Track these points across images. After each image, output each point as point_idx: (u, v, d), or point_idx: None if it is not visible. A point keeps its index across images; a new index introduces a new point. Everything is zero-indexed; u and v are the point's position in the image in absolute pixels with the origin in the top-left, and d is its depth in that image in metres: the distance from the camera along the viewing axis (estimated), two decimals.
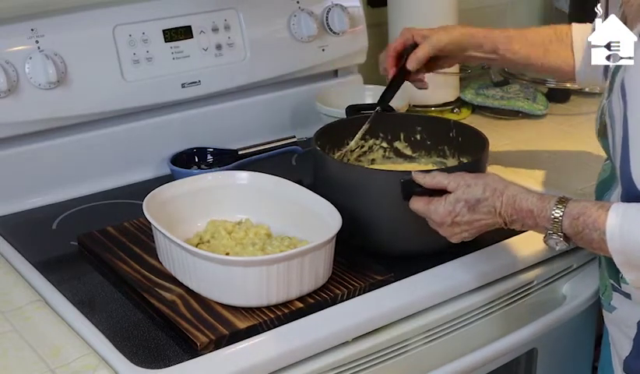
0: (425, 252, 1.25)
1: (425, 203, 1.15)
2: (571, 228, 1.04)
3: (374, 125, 1.41)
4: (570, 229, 1.04)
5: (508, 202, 1.09)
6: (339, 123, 1.43)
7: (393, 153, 1.44)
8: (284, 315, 1.11)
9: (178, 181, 1.32)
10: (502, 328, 1.30)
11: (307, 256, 1.12)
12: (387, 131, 1.43)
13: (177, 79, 1.58)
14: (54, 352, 1.05)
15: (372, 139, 1.43)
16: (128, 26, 1.53)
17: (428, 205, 1.14)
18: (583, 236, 1.03)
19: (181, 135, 1.61)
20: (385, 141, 1.43)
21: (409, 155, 1.44)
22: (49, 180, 1.49)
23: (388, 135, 1.43)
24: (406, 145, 1.43)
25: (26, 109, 1.43)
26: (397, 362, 1.19)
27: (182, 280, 1.17)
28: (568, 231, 1.04)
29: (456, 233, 1.14)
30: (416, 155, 1.43)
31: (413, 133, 1.43)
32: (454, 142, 1.39)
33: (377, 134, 1.42)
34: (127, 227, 1.34)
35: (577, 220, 1.03)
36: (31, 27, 1.44)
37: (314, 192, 1.25)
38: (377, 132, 1.42)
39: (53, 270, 1.24)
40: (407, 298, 1.19)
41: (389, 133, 1.43)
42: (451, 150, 1.40)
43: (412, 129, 1.43)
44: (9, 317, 1.13)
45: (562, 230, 1.05)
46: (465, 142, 1.37)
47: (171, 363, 1.04)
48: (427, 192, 1.15)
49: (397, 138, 1.43)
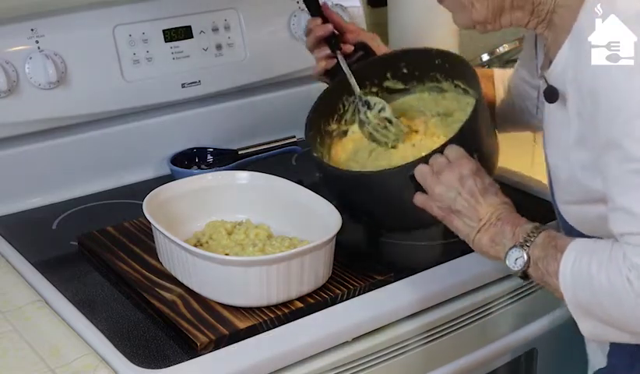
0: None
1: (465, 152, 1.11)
2: (541, 244, 1.02)
3: (358, 79, 1.36)
4: (540, 245, 1.02)
5: (507, 210, 1.08)
6: (324, 97, 1.38)
7: (386, 92, 1.40)
8: (284, 315, 1.11)
9: (178, 181, 1.32)
10: (502, 328, 1.30)
11: (307, 256, 1.12)
12: (372, 77, 1.38)
13: (177, 79, 1.58)
14: (54, 352, 1.05)
15: (361, 90, 1.36)
16: (128, 26, 1.53)
17: (467, 155, 1.11)
18: (547, 255, 1.00)
19: (181, 135, 1.61)
20: (374, 86, 1.39)
21: (402, 88, 1.40)
22: (49, 180, 1.49)
23: (374, 80, 1.39)
24: (395, 81, 1.40)
25: (26, 109, 1.43)
26: (397, 362, 1.19)
27: (182, 280, 1.17)
28: (538, 245, 1.02)
29: (449, 195, 1.09)
30: (409, 86, 1.40)
31: (399, 70, 1.39)
32: (442, 68, 1.35)
33: (364, 84, 1.37)
34: (127, 227, 1.34)
35: (552, 240, 1.01)
36: (31, 27, 1.44)
37: (316, 192, 1.25)
38: (363, 82, 1.37)
39: (53, 270, 1.24)
40: (407, 298, 1.19)
41: (375, 78, 1.38)
42: (442, 75, 1.36)
43: (396, 67, 1.38)
44: (9, 317, 1.13)
45: (533, 245, 1.02)
46: (452, 67, 1.33)
47: (171, 363, 1.04)
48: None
49: (385, 78, 1.39)
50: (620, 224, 0.93)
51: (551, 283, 1.01)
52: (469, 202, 1.08)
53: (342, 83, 1.36)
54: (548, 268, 1.00)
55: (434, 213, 1.12)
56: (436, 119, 1.35)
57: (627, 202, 0.91)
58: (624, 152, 0.90)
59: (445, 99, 1.37)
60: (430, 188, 1.11)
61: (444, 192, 1.09)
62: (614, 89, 0.90)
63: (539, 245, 1.02)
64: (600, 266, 0.94)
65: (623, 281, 0.91)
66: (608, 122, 0.91)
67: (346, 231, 1.17)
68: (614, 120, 0.90)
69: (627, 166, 0.90)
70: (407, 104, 1.40)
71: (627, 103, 0.89)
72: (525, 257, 1.02)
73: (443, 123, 1.34)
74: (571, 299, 0.99)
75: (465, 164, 1.10)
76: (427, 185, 1.11)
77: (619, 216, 0.93)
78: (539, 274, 1.02)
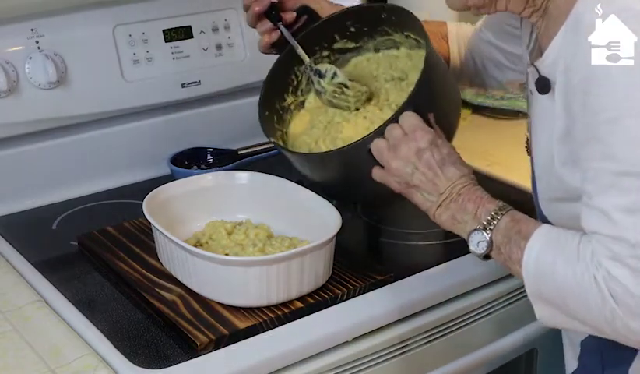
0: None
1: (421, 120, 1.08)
2: (504, 229, 1.00)
3: (307, 46, 1.32)
4: (503, 229, 1.00)
5: (467, 183, 1.04)
6: (274, 73, 1.33)
7: (338, 53, 1.36)
8: (284, 315, 1.11)
9: (178, 181, 1.32)
10: (502, 328, 1.30)
11: (307, 256, 1.12)
12: (321, 41, 1.34)
13: (177, 79, 1.58)
14: (54, 352, 1.05)
15: (310, 56, 1.33)
16: (128, 26, 1.53)
17: (423, 123, 1.08)
18: (510, 241, 0.99)
19: (181, 135, 1.61)
20: (324, 50, 1.35)
21: (354, 47, 1.36)
22: (49, 180, 1.49)
23: (324, 44, 1.35)
24: (345, 41, 1.35)
25: (26, 109, 1.43)
26: (397, 362, 1.19)
27: (182, 280, 1.17)
28: (501, 230, 1.00)
29: (406, 170, 1.06)
30: (361, 43, 1.36)
31: (346, 29, 1.34)
32: (390, 21, 1.32)
33: (313, 50, 1.33)
34: (127, 227, 1.34)
35: (516, 224, 0.99)
36: (31, 27, 1.44)
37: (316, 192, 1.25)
38: (312, 48, 1.33)
39: (53, 270, 1.24)
40: (407, 298, 1.19)
41: (324, 42, 1.34)
42: (391, 28, 1.33)
43: (343, 27, 1.34)
44: (9, 317, 1.13)
45: (494, 228, 1.00)
46: (399, 19, 1.30)
47: (171, 363, 1.04)
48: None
49: (334, 40, 1.35)
50: (593, 222, 0.91)
51: (513, 269, 1.00)
52: (427, 176, 1.05)
53: (291, 54, 1.32)
54: (511, 255, 0.99)
55: (393, 188, 1.09)
56: (389, 85, 1.31)
57: (604, 203, 0.90)
58: (607, 150, 0.89)
59: (399, 58, 1.34)
60: (387, 163, 1.08)
61: (402, 167, 1.06)
62: (608, 84, 0.89)
63: (502, 229, 1.00)
64: (567, 262, 0.93)
65: (590, 280, 0.90)
66: (595, 116, 0.90)
67: (346, 231, 1.17)
68: (602, 115, 0.89)
69: (608, 165, 0.89)
70: (360, 68, 1.37)
71: (618, 100, 0.89)
72: (488, 241, 1.01)
73: (397, 88, 1.30)
74: (531, 288, 0.98)
75: (421, 135, 1.06)
76: (384, 160, 1.09)
77: (593, 215, 0.91)
78: (501, 259, 1.01)
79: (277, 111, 1.33)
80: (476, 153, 1.66)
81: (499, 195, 1.07)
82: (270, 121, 1.31)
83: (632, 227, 0.88)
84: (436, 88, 1.19)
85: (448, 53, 1.35)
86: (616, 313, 0.89)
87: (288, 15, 1.32)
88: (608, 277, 0.89)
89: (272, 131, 1.30)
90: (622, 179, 0.88)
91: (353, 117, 1.28)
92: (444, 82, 1.23)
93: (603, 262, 0.89)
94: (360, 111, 1.28)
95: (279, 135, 1.31)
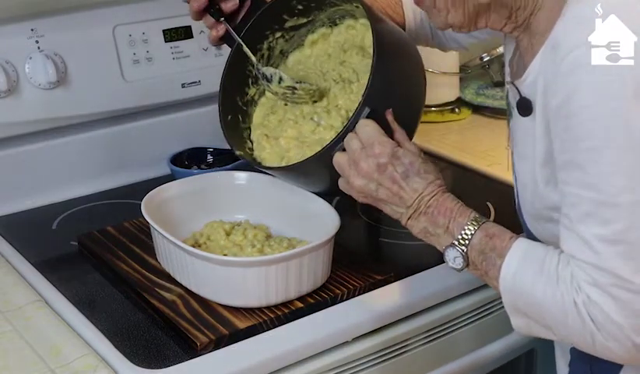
0: None
1: (377, 129, 1.05)
2: (479, 245, 0.98)
3: (257, 33, 1.27)
4: (478, 245, 0.98)
5: (435, 193, 1.02)
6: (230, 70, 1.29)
7: (292, 31, 1.30)
8: (284, 315, 1.11)
9: (178, 181, 1.32)
10: (502, 328, 1.30)
11: (306, 257, 1.12)
12: (272, 25, 1.29)
13: (177, 79, 1.58)
14: (54, 352, 1.05)
15: (264, 42, 1.29)
16: (128, 26, 1.53)
17: (379, 133, 1.04)
18: (486, 258, 0.98)
19: (181, 135, 1.61)
20: (277, 32, 1.30)
21: (305, 22, 1.30)
22: (49, 180, 1.49)
23: (274, 27, 1.29)
24: (295, 18, 1.29)
25: (26, 109, 1.43)
26: (397, 362, 1.19)
27: (181, 280, 1.17)
28: (476, 246, 0.98)
29: (370, 187, 1.04)
30: (312, 17, 1.29)
31: (294, 8, 1.28)
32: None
33: (265, 35, 1.29)
34: (127, 227, 1.34)
35: (490, 240, 0.98)
36: (31, 27, 1.44)
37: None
38: (264, 34, 1.29)
39: (53, 270, 1.24)
40: (407, 298, 1.19)
41: (274, 25, 1.29)
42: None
43: (289, 7, 1.28)
44: (9, 317, 1.13)
45: (468, 245, 0.99)
46: None
47: (171, 363, 1.04)
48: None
49: (284, 21, 1.29)
50: (573, 247, 0.90)
51: (491, 284, 0.99)
52: (392, 191, 1.03)
53: (246, 43, 1.27)
54: (488, 272, 0.98)
55: (361, 202, 1.07)
56: (338, 88, 1.26)
57: (584, 232, 0.89)
58: (588, 179, 0.88)
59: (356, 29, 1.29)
60: (350, 180, 1.06)
61: (364, 185, 1.04)
62: (589, 112, 0.87)
63: (477, 245, 0.98)
64: (546, 284, 0.92)
65: (570, 303, 0.90)
66: (576, 143, 0.88)
67: (345, 231, 1.17)
68: (583, 143, 0.87)
69: (588, 194, 0.88)
70: (304, 65, 1.32)
71: (599, 129, 0.86)
72: (464, 256, 0.99)
73: (346, 91, 1.25)
74: (509, 303, 0.97)
75: (380, 150, 1.03)
76: (346, 176, 1.06)
77: (573, 240, 0.90)
78: (478, 273, 1.00)
79: (240, 109, 1.30)
80: (476, 153, 1.66)
81: (499, 195, 1.08)
82: (235, 126, 1.28)
83: (614, 257, 0.87)
84: (391, 76, 1.13)
85: (403, 19, 1.31)
86: (596, 336, 0.89)
87: (230, 3, 1.25)
88: (588, 302, 0.89)
89: (238, 139, 1.27)
90: (602, 209, 0.87)
91: (301, 118, 1.25)
92: (400, 63, 1.17)
93: (583, 286, 0.89)
94: (308, 111, 1.25)
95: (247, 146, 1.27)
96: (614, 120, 0.86)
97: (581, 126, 0.87)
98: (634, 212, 0.86)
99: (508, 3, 0.98)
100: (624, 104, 0.85)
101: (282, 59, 1.33)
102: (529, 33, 1.00)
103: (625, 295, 0.87)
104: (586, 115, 0.87)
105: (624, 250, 0.87)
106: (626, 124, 0.85)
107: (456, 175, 1.62)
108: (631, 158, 0.85)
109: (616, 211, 0.87)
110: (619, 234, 0.87)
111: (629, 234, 0.87)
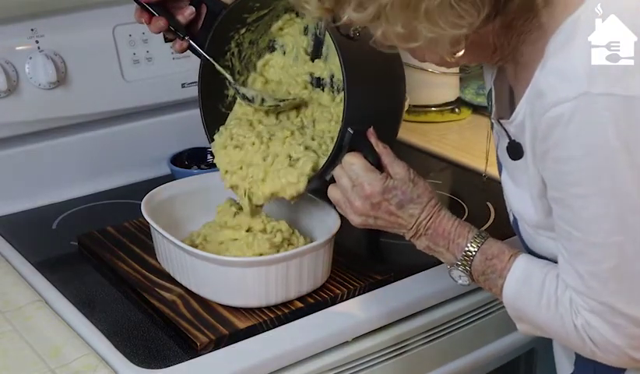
0: None
1: (364, 167, 1.05)
2: (480, 266, 1.01)
3: (221, 38, 1.25)
4: (479, 266, 1.02)
5: (432, 215, 1.04)
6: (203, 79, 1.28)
7: (256, 23, 1.28)
8: (284, 315, 1.11)
9: (177, 181, 1.32)
10: (502, 328, 1.30)
11: (306, 257, 1.12)
12: (235, 25, 1.26)
13: (177, 79, 1.58)
14: (54, 352, 1.05)
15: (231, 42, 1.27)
16: (128, 26, 1.53)
17: (366, 171, 1.05)
18: (488, 278, 1.01)
19: (181, 135, 1.61)
20: (241, 29, 1.27)
21: (267, 12, 1.27)
22: (49, 180, 1.49)
23: (237, 26, 1.27)
24: (256, 13, 1.26)
25: (26, 109, 1.43)
26: (397, 362, 1.19)
27: (181, 280, 1.17)
28: (477, 268, 1.02)
29: (368, 222, 1.06)
30: (272, 6, 1.26)
31: (252, 6, 1.25)
32: None
33: (231, 36, 1.27)
34: (127, 227, 1.34)
35: (489, 262, 1.01)
36: (31, 27, 1.44)
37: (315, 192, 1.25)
38: (229, 35, 1.26)
39: (53, 270, 1.24)
40: (407, 298, 1.19)
41: (237, 24, 1.27)
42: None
43: (246, 7, 1.25)
44: (9, 317, 1.13)
45: (470, 265, 1.02)
46: None
47: (171, 363, 1.04)
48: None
49: (245, 19, 1.27)
50: (569, 278, 0.92)
51: (496, 296, 1.03)
52: (390, 220, 1.05)
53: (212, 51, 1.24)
54: (491, 289, 1.02)
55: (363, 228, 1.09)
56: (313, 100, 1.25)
57: (578, 267, 0.91)
58: (577, 221, 0.89)
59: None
60: (348, 217, 1.08)
61: (363, 221, 1.06)
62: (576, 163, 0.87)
63: (478, 266, 1.02)
64: (547, 307, 0.95)
65: (570, 324, 0.93)
66: (567, 188, 0.89)
67: (345, 231, 1.17)
68: (573, 189, 0.88)
69: (578, 234, 0.89)
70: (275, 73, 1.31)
71: (587, 178, 0.87)
72: (468, 275, 1.03)
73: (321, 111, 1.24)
74: (513, 316, 1.01)
75: (370, 189, 1.04)
76: (343, 212, 1.08)
77: (569, 272, 0.92)
78: (485, 289, 1.04)
79: (224, 115, 1.30)
80: (476, 153, 1.66)
81: (499, 195, 1.07)
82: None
83: (607, 292, 0.89)
84: (366, 90, 1.12)
85: None
86: (596, 353, 0.93)
87: (187, 11, 1.22)
88: (587, 326, 0.92)
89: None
90: (591, 250, 0.89)
91: (280, 131, 1.22)
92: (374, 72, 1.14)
93: (581, 311, 0.92)
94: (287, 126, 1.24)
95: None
96: (602, 171, 0.86)
97: (571, 174, 0.88)
98: (623, 249, 0.88)
99: (488, 44, 0.96)
100: (610, 155, 0.86)
101: (252, 49, 1.30)
102: (514, 62, 0.99)
103: (621, 321, 0.90)
104: (574, 166, 0.87)
105: (616, 286, 0.89)
106: (612, 173, 0.86)
107: (456, 175, 1.62)
108: (618, 203, 0.87)
109: (605, 252, 0.88)
110: (610, 272, 0.89)
111: (620, 270, 0.89)
